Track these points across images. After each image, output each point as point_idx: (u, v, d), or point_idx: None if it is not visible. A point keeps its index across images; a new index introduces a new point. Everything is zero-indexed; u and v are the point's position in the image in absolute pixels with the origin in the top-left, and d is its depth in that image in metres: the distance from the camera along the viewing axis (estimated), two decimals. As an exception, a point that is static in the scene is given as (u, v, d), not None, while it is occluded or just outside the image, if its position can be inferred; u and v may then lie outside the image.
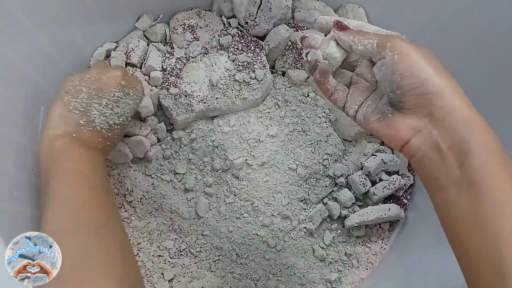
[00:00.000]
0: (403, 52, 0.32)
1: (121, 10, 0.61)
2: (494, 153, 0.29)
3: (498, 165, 0.28)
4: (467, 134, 0.29)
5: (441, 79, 0.31)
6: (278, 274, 0.62)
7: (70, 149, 0.43)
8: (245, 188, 0.62)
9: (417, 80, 0.31)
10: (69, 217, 0.36)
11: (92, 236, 0.36)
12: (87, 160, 0.43)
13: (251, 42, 0.65)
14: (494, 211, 0.27)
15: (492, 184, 0.27)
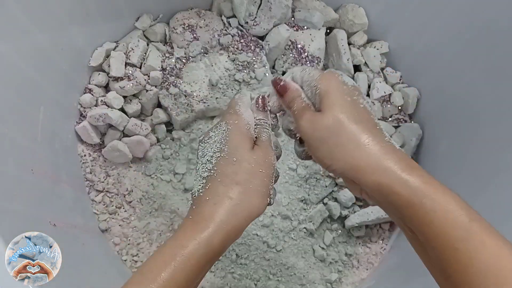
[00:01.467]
0: (307, 143, 0.34)
1: (121, 10, 0.61)
2: (414, 204, 0.28)
3: (424, 214, 0.28)
4: (384, 198, 0.30)
5: (338, 162, 0.32)
6: (278, 274, 0.62)
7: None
8: (245, 188, 0.62)
9: (324, 167, 0.34)
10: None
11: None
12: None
13: (251, 41, 0.65)
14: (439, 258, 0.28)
15: (426, 233, 0.28)
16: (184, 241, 0.31)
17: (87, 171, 0.61)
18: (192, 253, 0.30)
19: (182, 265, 0.30)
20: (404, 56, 0.69)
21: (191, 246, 0.30)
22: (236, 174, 0.33)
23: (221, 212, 0.32)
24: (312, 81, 0.35)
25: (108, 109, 0.59)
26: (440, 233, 0.27)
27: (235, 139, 0.35)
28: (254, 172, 0.34)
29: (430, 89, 0.66)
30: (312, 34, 0.67)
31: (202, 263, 0.31)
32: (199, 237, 0.31)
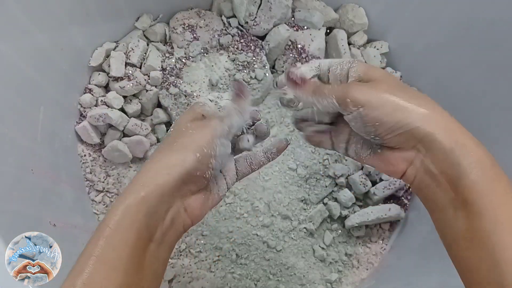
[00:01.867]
0: (365, 104, 0.32)
1: (121, 10, 0.61)
2: (485, 170, 0.29)
3: (491, 181, 0.29)
4: (454, 158, 0.29)
5: (411, 113, 0.31)
6: (278, 274, 0.62)
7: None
8: (245, 188, 0.62)
9: (389, 126, 0.31)
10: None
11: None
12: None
13: (251, 41, 0.65)
14: (489, 228, 0.27)
15: (485, 202, 0.28)
16: (107, 215, 0.30)
17: (87, 171, 0.61)
18: (114, 225, 0.29)
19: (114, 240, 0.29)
20: (404, 56, 0.69)
21: (111, 218, 0.29)
22: (168, 137, 0.35)
23: (140, 174, 0.32)
24: (345, 62, 0.35)
25: (108, 109, 0.59)
26: (502, 202, 0.28)
27: (184, 115, 0.36)
28: (183, 133, 0.34)
29: (430, 89, 0.66)
30: (312, 34, 0.67)
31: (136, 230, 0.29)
32: (119, 206, 0.30)
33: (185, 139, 0.33)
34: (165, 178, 0.31)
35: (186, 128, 0.34)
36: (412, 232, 0.63)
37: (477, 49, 0.55)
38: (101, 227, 0.29)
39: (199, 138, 0.33)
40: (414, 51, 0.66)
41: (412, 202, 0.66)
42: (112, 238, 0.29)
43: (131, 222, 0.29)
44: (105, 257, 0.28)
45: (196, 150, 0.33)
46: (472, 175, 0.29)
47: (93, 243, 0.29)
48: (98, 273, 0.27)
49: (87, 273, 0.27)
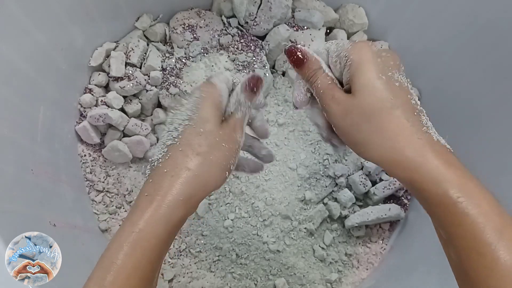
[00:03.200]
0: (335, 126, 0.32)
1: (121, 10, 0.61)
2: (446, 205, 0.27)
3: (454, 214, 0.27)
4: (417, 194, 0.29)
5: (370, 151, 0.30)
6: (278, 274, 0.62)
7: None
8: (245, 188, 0.62)
9: (356, 153, 0.32)
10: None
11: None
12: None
13: (251, 41, 0.65)
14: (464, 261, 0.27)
15: (454, 234, 0.27)
16: (142, 223, 0.29)
17: (87, 171, 0.61)
18: (151, 234, 0.29)
19: (143, 250, 0.29)
20: (404, 56, 0.68)
21: (150, 227, 0.29)
22: (200, 145, 0.32)
23: (178, 184, 0.30)
24: (342, 51, 0.32)
25: (108, 109, 0.59)
26: (469, 236, 0.26)
27: (206, 110, 0.33)
28: (217, 145, 0.32)
29: (430, 89, 0.66)
30: (312, 34, 0.67)
31: (162, 242, 0.30)
32: (156, 216, 0.29)
33: (219, 153, 0.32)
34: (201, 195, 0.31)
35: (219, 136, 0.33)
36: (412, 232, 0.63)
37: (477, 49, 0.55)
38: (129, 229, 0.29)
39: (230, 156, 0.33)
40: (414, 51, 0.66)
41: (412, 202, 0.66)
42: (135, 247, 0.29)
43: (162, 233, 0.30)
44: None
45: (227, 169, 0.33)
46: (437, 209, 0.28)
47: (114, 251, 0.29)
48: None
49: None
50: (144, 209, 0.30)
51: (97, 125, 0.60)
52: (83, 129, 0.59)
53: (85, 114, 0.60)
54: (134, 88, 0.61)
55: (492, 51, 0.52)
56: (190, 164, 0.31)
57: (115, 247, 0.29)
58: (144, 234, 0.29)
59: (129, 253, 0.28)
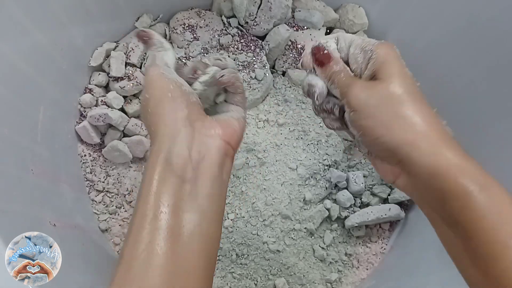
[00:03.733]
0: (356, 110, 0.31)
1: (121, 10, 0.61)
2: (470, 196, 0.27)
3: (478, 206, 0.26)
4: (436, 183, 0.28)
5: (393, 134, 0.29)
6: (278, 274, 0.62)
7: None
8: (245, 188, 0.62)
9: (371, 139, 0.31)
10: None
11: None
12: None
13: (251, 42, 0.65)
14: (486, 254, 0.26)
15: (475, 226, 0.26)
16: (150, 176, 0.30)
17: (87, 171, 0.61)
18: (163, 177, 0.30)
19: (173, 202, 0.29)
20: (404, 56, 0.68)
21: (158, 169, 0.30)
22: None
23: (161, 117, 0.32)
24: (368, 45, 0.33)
25: (108, 109, 0.59)
26: (492, 229, 0.26)
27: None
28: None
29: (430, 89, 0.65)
30: (312, 34, 0.67)
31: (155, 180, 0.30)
32: (157, 149, 0.31)
33: (147, 92, 0.34)
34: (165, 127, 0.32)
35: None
36: (412, 232, 0.63)
37: (478, 49, 0.55)
38: (140, 193, 0.30)
39: (156, 83, 0.34)
40: (414, 51, 0.66)
41: (412, 202, 0.66)
42: (147, 197, 0.29)
43: (158, 174, 0.30)
44: (146, 213, 0.29)
45: (163, 84, 0.33)
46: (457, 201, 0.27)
47: (137, 207, 0.29)
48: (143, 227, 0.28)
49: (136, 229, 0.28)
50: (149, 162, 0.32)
51: (97, 125, 0.60)
52: (83, 129, 0.59)
53: (85, 114, 0.60)
54: (134, 88, 0.61)
55: (492, 50, 0.52)
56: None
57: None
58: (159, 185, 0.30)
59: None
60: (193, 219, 0.29)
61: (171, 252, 0.27)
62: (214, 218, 0.31)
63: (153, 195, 0.29)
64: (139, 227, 0.28)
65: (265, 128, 0.65)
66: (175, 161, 0.30)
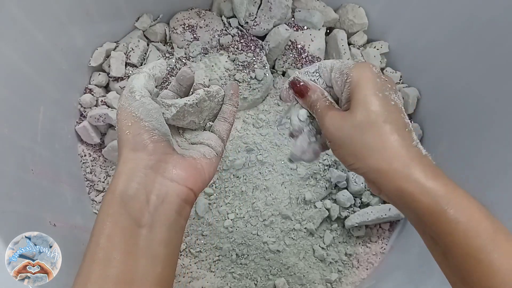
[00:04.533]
0: (331, 140, 0.33)
1: (121, 10, 0.61)
2: (437, 213, 0.28)
3: (445, 222, 0.27)
4: (405, 204, 0.29)
5: (362, 163, 0.31)
6: (278, 274, 0.62)
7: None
8: (245, 188, 0.62)
9: (346, 165, 0.33)
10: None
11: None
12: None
13: (251, 42, 0.65)
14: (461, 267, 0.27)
15: (448, 241, 0.28)
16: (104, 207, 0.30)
17: (87, 171, 0.61)
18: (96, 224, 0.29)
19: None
20: (404, 56, 0.69)
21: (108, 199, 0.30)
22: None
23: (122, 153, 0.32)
24: (344, 68, 0.34)
25: (108, 109, 0.59)
26: (463, 243, 0.27)
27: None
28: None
29: (430, 89, 0.66)
30: (312, 34, 0.67)
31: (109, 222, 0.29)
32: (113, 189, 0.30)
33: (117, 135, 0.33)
34: (122, 167, 0.31)
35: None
36: (412, 232, 0.63)
37: (477, 49, 0.55)
38: (92, 232, 0.30)
39: (120, 123, 0.33)
40: (414, 51, 0.66)
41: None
42: (99, 237, 0.29)
43: (112, 216, 0.29)
44: (96, 257, 0.28)
45: (124, 131, 0.32)
46: (427, 218, 0.28)
47: (88, 247, 0.29)
48: (93, 272, 0.28)
49: (85, 273, 0.28)
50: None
51: (97, 125, 0.60)
52: (83, 129, 0.59)
53: (85, 114, 0.60)
54: (134, 88, 0.61)
55: (492, 50, 0.52)
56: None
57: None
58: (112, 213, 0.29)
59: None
60: (147, 264, 0.29)
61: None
62: (168, 262, 0.30)
63: (106, 237, 0.28)
64: (89, 269, 0.28)
65: (265, 128, 0.65)
66: (131, 204, 0.29)
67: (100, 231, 0.29)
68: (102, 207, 0.30)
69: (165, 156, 0.32)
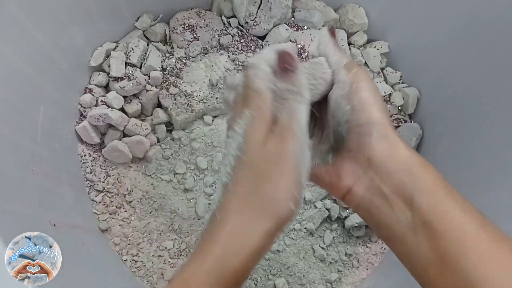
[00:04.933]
0: (362, 84, 0.30)
1: (121, 10, 0.61)
2: (439, 189, 0.27)
3: (447, 200, 0.26)
4: (408, 177, 0.27)
5: (384, 121, 0.29)
6: (278, 274, 0.62)
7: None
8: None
9: (363, 118, 0.29)
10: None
11: None
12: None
13: (251, 42, 0.65)
14: (455, 250, 0.25)
15: (446, 222, 0.26)
16: (190, 276, 0.26)
17: (87, 171, 0.61)
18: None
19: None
20: (404, 56, 0.69)
21: (196, 279, 0.25)
22: (247, 180, 0.27)
23: (225, 233, 0.26)
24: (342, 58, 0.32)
25: (108, 109, 0.59)
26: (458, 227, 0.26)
27: (250, 131, 0.28)
28: (265, 175, 0.27)
29: (430, 89, 0.66)
30: (312, 34, 0.67)
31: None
32: (203, 267, 0.25)
33: (271, 185, 0.27)
34: (260, 242, 0.26)
35: (264, 161, 0.27)
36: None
37: (478, 49, 0.55)
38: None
39: (285, 180, 0.27)
40: (414, 51, 0.66)
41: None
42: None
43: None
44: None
45: (288, 201, 0.27)
46: (428, 195, 0.27)
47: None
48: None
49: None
50: (194, 260, 0.27)
51: (97, 125, 0.60)
52: (83, 129, 0.59)
53: (85, 114, 0.60)
54: (134, 88, 0.61)
55: (492, 50, 0.52)
56: (241, 207, 0.27)
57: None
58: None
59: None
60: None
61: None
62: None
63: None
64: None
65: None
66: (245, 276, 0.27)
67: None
68: (214, 258, 0.26)
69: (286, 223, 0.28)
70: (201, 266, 0.26)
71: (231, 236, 0.26)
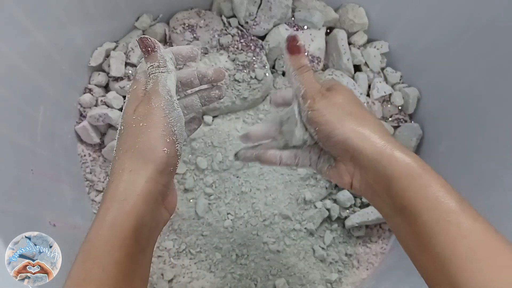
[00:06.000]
0: (315, 108, 0.34)
1: (121, 10, 0.61)
2: (413, 176, 0.30)
3: (419, 186, 0.29)
4: (382, 167, 0.31)
5: (344, 127, 0.33)
6: (278, 274, 0.62)
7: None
8: (245, 188, 0.62)
9: (325, 134, 0.33)
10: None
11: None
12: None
13: (251, 41, 0.65)
14: (429, 231, 0.28)
15: (418, 206, 0.29)
16: (93, 236, 0.29)
17: (87, 171, 0.61)
18: (101, 245, 0.28)
19: (99, 260, 0.28)
20: (404, 56, 0.69)
21: (97, 238, 0.29)
22: (125, 142, 0.31)
23: (115, 187, 0.30)
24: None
25: (108, 109, 0.59)
26: (433, 207, 0.28)
27: (124, 108, 0.33)
28: (137, 131, 0.31)
29: (430, 89, 0.66)
30: (312, 34, 0.67)
31: (118, 247, 0.28)
32: (103, 224, 0.29)
33: (143, 137, 0.31)
34: (145, 186, 0.30)
35: (135, 122, 0.32)
36: (412, 232, 0.63)
37: (478, 49, 0.55)
38: (87, 248, 0.29)
39: (155, 130, 0.31)
40: (414, 51, 0.66)
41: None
42: (101, 259, 0.28)
43: (120, 240, 0.28)
44: (95, 278, 0.27)
45: (160, 147, 0.31)
46: (401, 182, 0.30)
47: (80, 265, 0.28)
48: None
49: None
50: (95, 221, 0.30)
51: (97, 125, 0.60)
52: (83, 129, 0.59)
53: (85, 114, 0.60)
54: (134, 88, 0.61)
55: (492, 50, 0.52)
56: (124, 164, 0.31)
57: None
58: (96, 247, 0.29)
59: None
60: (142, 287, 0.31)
61: None
62: (147, 283, 0.32)
63: (109, 253, 0.28)
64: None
65: (265, 128, 0.65)
66: (142, 229, 0.30)
67: (104, 248, 0.28)
68: (108, 213, 0.29)
69: (167, 189, 0.33)
70: (100, 222, 0.29)
71: (117, 188, 0.30)
